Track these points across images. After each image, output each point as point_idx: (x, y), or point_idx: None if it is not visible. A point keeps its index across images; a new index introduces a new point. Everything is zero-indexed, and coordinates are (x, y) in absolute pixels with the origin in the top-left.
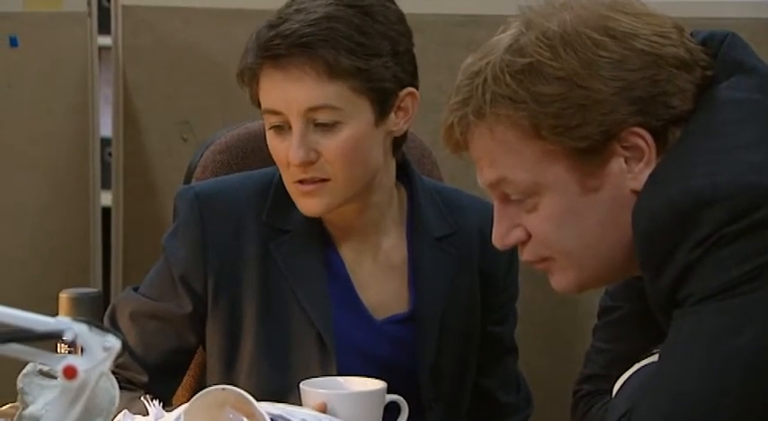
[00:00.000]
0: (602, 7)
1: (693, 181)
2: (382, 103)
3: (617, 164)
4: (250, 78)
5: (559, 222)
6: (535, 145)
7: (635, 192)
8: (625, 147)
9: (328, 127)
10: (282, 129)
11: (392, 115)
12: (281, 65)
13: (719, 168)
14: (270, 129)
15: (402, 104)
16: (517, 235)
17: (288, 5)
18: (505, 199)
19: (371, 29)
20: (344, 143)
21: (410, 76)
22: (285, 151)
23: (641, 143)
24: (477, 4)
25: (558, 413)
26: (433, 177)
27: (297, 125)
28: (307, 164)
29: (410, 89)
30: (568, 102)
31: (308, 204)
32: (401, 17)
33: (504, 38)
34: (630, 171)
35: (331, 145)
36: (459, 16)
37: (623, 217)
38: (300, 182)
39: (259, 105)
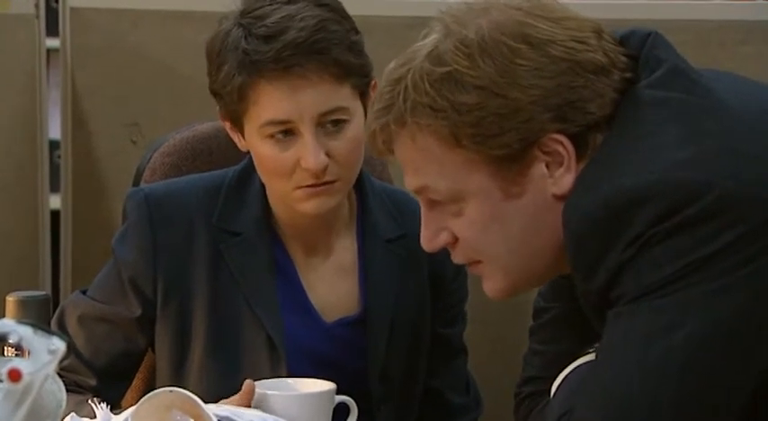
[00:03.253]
0: (519, 12)
1: (625, 180)
2: (365, 97)
3: (538, 169)
4: (243, 96)
5: (483, 227)
6: (456, 153)
7: (557, 196)
8: (546, 153)
9: (337, 128)
10: (283, 138)
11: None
12: (294, 72)
13: (649, 167)
14: (266, 138)
15: (371, 94)
16: (444, 238)
17: (255, 16)
18: (431, 203)
19: (346, 25)
20: (351, 143)
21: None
22: (291, 159)
23: (560, 149)
24: (427, 6)
25: (507, 414)
26: (382, 178)
27: (309, 131)
28: (324, 168)
29: (375, 79)
30: (486, 110)
31: (317, 205)
32: (344, 8)
33: (425, 45)
34: (552, 176)
35: (340, 146)
36: (408, 18)
37: (547, 221)
38: (310, 185)
39: (228, 120)
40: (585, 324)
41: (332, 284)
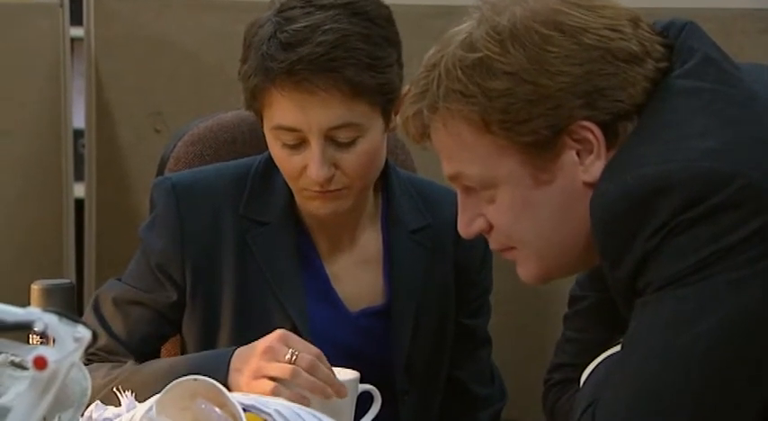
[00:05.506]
0: (555, 0)
1: (648, 169)
2: (390, 110)
3: (569, 157)
4: (257, 97)
5: (515, 214)
6: (486, 139)
7: (587, 184)
8: (576, 140)
9: (347, 142)
10: (293, 143)
11: (395, 117)
12: (304, 87)
13: (673, 156)
14: (277, 140)
15: (398, 107)
16: (480, 224)
17: (286, 17)
18: (467, 190)
19: (378, 38)
20: (362, 156)
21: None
22: (298, 163)
23: (590, 136)
24: None
25: (531, 404)
26: (406, 168)
27: (317, 143)
28: (328, 179)
29: (407, 87)
30: (515, 97)
31: (323, 208)
32: (390, 15)
33: (460, 31)
34: (582, 163)
35: (350, 159)
36: (432, 7)
37: (578, 208)
38: (316, 191)
39: (251, 109)
40: (619, 314)
41: (357, 275)
